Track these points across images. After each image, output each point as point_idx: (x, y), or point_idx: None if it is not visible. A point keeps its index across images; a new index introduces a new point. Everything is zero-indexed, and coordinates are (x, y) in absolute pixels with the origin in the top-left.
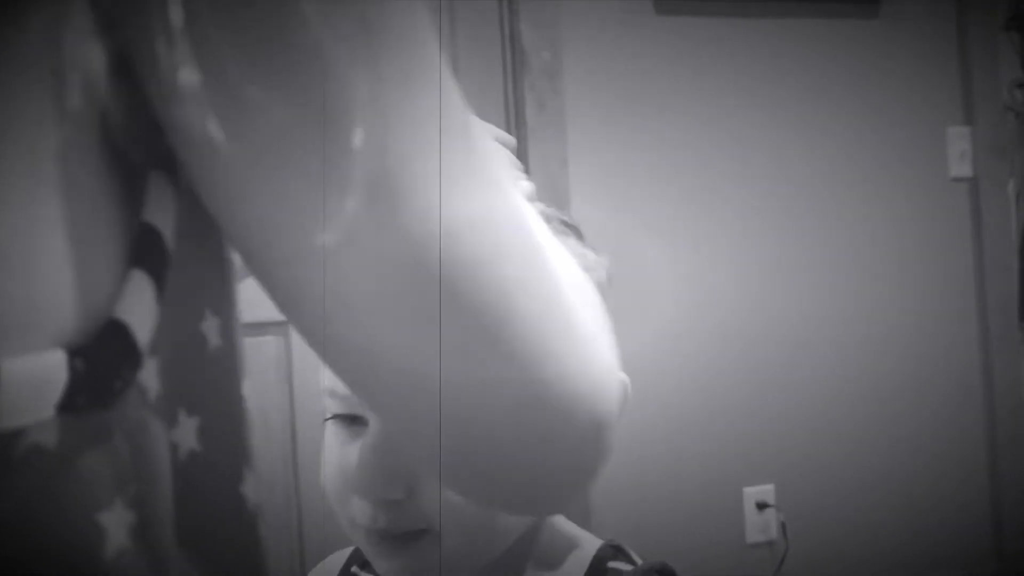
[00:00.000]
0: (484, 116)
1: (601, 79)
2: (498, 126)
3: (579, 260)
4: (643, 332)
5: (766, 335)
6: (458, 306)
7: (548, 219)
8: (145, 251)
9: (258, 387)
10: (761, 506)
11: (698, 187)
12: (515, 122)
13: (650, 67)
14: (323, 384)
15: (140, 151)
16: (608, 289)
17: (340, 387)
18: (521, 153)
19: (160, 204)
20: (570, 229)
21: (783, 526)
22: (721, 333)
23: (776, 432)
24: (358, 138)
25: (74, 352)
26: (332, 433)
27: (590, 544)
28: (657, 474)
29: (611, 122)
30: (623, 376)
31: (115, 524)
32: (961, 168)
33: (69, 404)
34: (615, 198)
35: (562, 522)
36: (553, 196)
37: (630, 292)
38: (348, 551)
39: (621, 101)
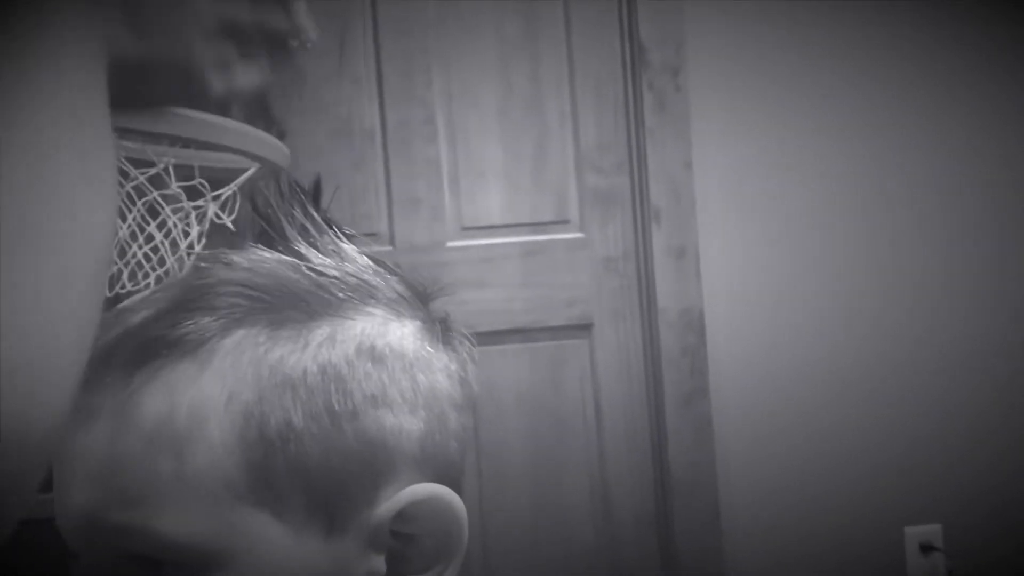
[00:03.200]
0: (600, 118)
1: (727, 75)
2: (614, 126)
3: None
4: (782, 347)
5: (930, 353)
6: None
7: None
8: None
9: None
10: (926, 549)
11: (835, 190)
12: (633, 123)
13: (781, 60)
14: None
15: None
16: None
17: None
18: (639, 156)
19: None
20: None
21: (951, 573)
22: (876, 351)
23: (944, 465)
24: None
25: None
26: None
27: None
28: (805, 509)
29: (738, 121)
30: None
31: None
32: None
33: None
34: (744, 203)
35: None
36: (676, 201)
37: (761, 307)
38: None
39: (749, 98)
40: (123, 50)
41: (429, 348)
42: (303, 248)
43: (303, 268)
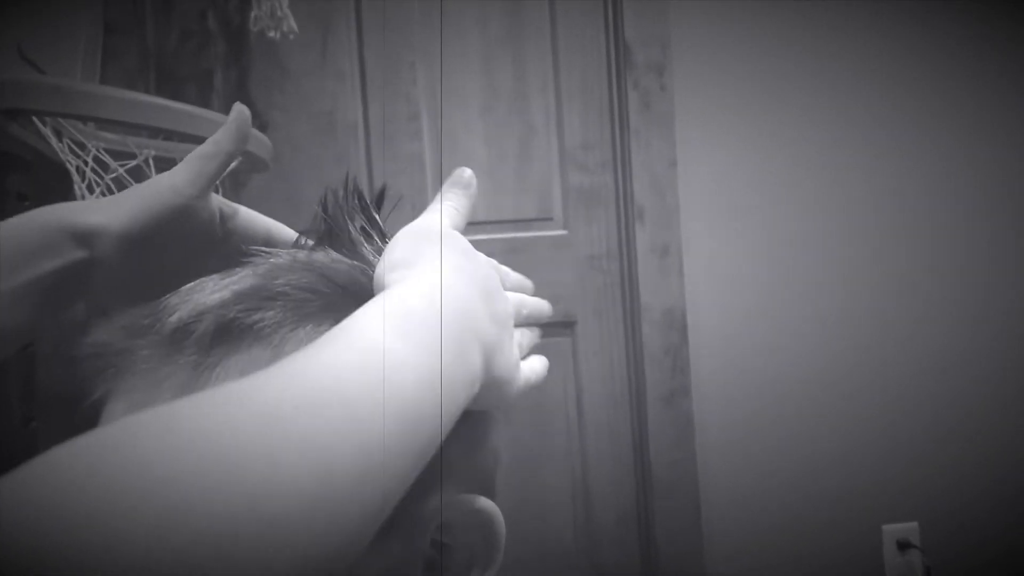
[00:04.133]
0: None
1: (712, 75)
2: (598, 125)
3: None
4: (763, 346)
5: (910, 354)
6: None
7: None
8: None
9: None
10: (903, 546)
11: (819, 190)
12: (618, 122)
13: (766, 60)
14: None
15: None
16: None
17: None
18: (624, 154)
19: None
20: None
21: (928, 571)
22: (856, 351)
23: (922, 461)
24: None
25: None
26: None
27: None
28: (785, 508)
29: (723, 120)
30: None
31: None
32: None
33: None
34: (727, 202)
35: None
36: (660, 200)
37: (743, 306)
38: None
39: (734, 98)
40: None
41: None
42: (367, 252)
43: (368, 272)
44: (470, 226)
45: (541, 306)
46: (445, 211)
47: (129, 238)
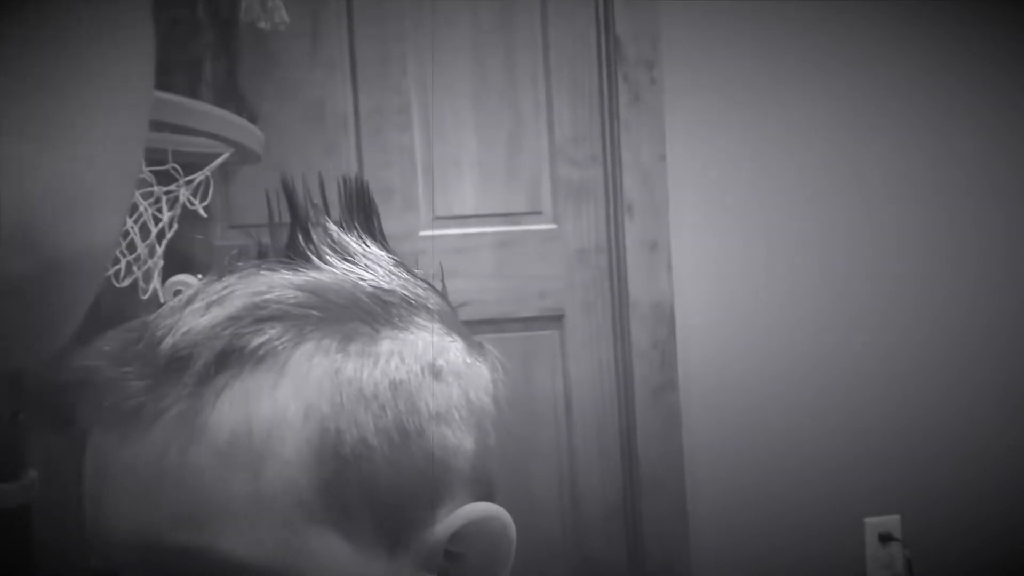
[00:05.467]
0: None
1: (702, 69)
2: (588, 119)
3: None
4: (750, 341)
5: (894, 349)
6: None
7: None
8: None
9: None
10: (885, 539)
11: (808, 185)
12: (608, 115)
13: (756, 55)
14: None
15: None
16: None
17: None
18: (613, 148)
19: None
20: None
21: (909, 563)
22: (842, 346)
23: (904, 456)
24: None
25: None
26: None
27: None
28: (770, 500)
29: (712, 115)
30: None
31: None
32: None
33: None
34: (716, 197)
35: None
36: (649, 194)
37: (731, 301)
38: None
39: (723, 92)
40: None
41: (476, 365)
42: (359, 259)
43: (361, 281)
44: (460, 220)
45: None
46: None
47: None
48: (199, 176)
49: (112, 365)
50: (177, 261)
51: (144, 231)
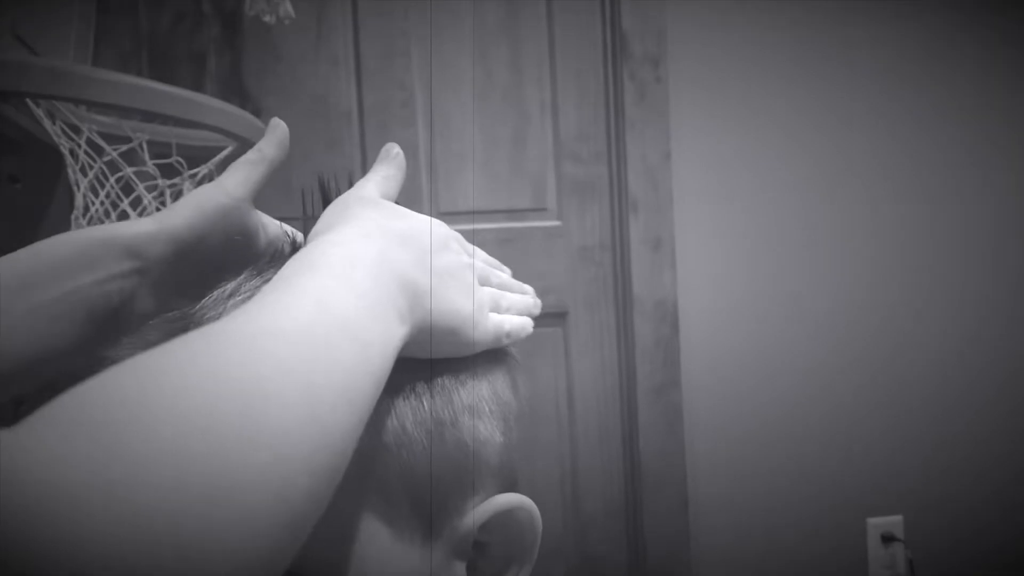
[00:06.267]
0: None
1: (708, 66)
2: (593, 115)
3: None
4: (754, 340)
5: (899, 349)
6: None
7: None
8: None
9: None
10: (887, 539)
11: (813, 184)
12: (613, 112)
13: (762, 53)
14: None
15: None
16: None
17: None
18: (618, 146)
19: None
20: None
21: (911, 564)
22: (846, 346)
23: (907, 456)
24: None
25: None
26: None
27: None
28: (772, 500)
29: (718, 113)
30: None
31: None
32: None
33: None
34: (721, 195)
35: None
36: (654, 192)
37: (734, 300)
38: None
39: (729, 90)
40: None
41: (498, 361)
42: None
43: None
44: (464, 215)
45: (522, 302)
46: (375, 180)
47: (181, 240)
48: (203, 169)
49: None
50: None
51: None
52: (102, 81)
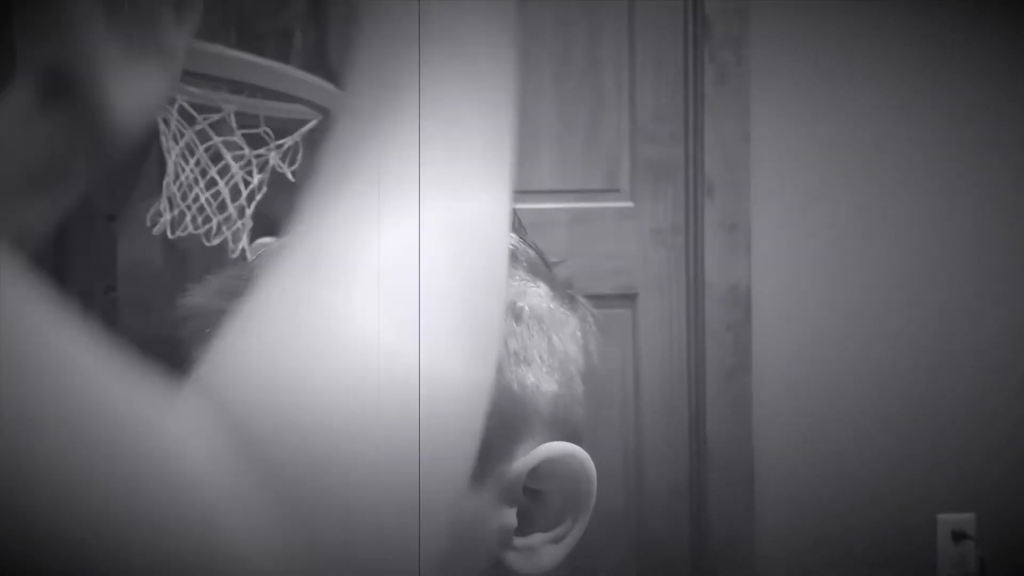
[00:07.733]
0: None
1: (791, 50)
2: (671, 97)
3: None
4: (828, 329)
5: (976, 343)
6: None
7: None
8: None
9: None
10: (958, 536)
11: (895, 177)
12: (692, 94)
13: (848, 39)
14: None
15: None
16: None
17: None
18: (696, 127)
19: None
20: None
21: (982, 562)
22: (921, 339)
23: (982, 453)
24: None
25: None
26: None
27: None
28: (839, 491)
29: (800, 98)
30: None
31: None
32: None
33: None
34: (799, 182)
35: None
36: (731, 175)
37: (809, 288)
38: None
39: (813, 75)
40: None
41: (562, 312)
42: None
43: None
44: (535, 194)
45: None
46: None
47: None
48: (288, 141)
49: (220, 300)
50: (263, 224)
51: (235, 192)
52: (196, 51)
